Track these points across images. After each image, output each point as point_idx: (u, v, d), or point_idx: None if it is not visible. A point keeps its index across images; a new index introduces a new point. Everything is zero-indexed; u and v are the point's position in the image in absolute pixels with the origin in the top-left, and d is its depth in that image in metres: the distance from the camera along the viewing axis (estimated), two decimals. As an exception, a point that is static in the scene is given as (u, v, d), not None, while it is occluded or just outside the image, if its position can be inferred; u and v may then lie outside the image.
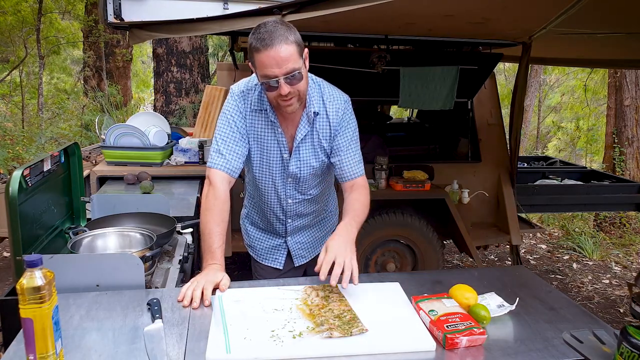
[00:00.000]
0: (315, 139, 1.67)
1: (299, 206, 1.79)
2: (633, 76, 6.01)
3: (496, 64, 3.60)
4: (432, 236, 3.39)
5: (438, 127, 4.33)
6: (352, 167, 1.69)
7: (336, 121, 1.65)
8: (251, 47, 1.44)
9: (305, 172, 1.70)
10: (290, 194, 1.75)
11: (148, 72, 14.57)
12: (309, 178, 1.72)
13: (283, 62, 1.41)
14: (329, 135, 1.67)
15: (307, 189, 1.76)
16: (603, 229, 5.93)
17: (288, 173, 1.70)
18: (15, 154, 6.79)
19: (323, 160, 1.70)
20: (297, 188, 1.74)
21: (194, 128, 3.82)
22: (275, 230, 1.87)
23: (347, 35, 3.42)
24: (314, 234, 1.91)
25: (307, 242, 1.91)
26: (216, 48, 10.55)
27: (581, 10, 2.42)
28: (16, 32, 9.34)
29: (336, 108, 1.65)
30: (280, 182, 1.73)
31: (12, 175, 1.49)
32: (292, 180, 1.72)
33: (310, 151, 1.68)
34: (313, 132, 1.66)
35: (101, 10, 2.41)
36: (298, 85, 1.48)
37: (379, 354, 1.13)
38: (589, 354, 1.12)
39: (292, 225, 1.84)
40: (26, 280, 0.99)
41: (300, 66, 1.45)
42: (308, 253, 1.92)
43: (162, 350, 1.09)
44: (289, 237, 1.87)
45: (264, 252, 1.92)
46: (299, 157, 1.68)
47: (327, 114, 1.65)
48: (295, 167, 1.68)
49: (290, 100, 1.50)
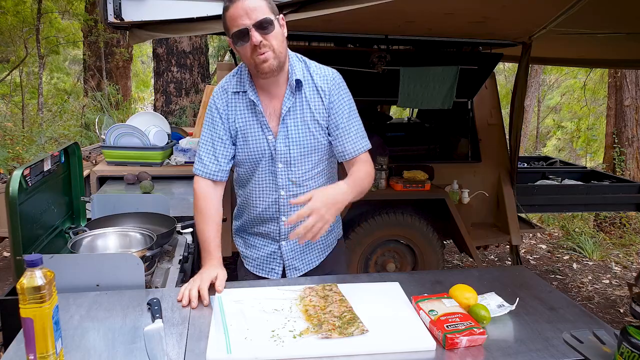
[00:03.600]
0: (306, 112, 1.57)
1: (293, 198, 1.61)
2: (633, 76, 6.01)
3: (496, 64, 3.60)
4: (432, 236, 3.39)
5: (438, 127, 4.33)
6: (355, 142, 1.60)
7: (327, 91, 1.57)
8: (223, 12, 1.46)
9: (295, 151, 1.57)
10: (283, 184, 1.61)
11: (148, 72, 14.57)
12: (300, 160, 1.59)
13: (252, 11, 1.41)
14: (323, 108, 1.58)
15: (301, 177, 1.61)
16: (603, 229, 5.93)
17: (276, 157, 1.58)
18: (15, 154, 6.79)
19: (315, 137, 1.58)
20: (289, 176, 1.60)
21: (194, 128, 3.82)
22: (268, 232, 1.70)
23: (347, 35, 3.42)
24: (310, 243, 1.72)
25: (301, 251, 1.72)
26: (217, 48, 10.55)
27: (581, 10, 2.42)
28: (16, 32, 9.35)
29: (325, 79, 1.58)
30: (269, 169, 1.60)
31: (12, 175, 1.49)
32: (282, 167, 1.59)
33: (301, 125, 1.57)
34: (302, 104, 1.57)
35: (101, 10, 2.41)
36: (270, 36, 1.44)
37: (379, 354, 1.13)
38: (589, 354, 1.12)
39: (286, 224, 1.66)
40: (26, 280, 0.99)
41: (271, 18, 1.44)
42: (302, 264, 1.73)
43: (162, 350, 1.09)
44: (283, 242, 1.69)
45: (259, 261, 1.75)
46: (286, 134, 1.57)
47: (316, 84, 1.58)
48: (284, 145, 1.57)
49: (265, 54, 1.44)
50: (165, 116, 4.38)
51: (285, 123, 1.57)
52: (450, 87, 3.43)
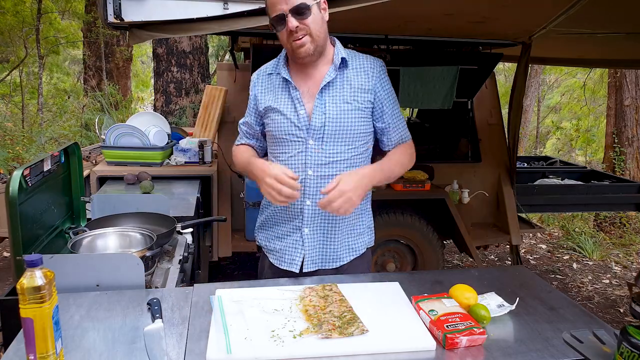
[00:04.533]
0: (346, 90, 1.56)
1: (321, 182, 1.56)
2: (633, 76, 6.01)
3: (496, 64, 3.60)
4: (432, 236, 3.39)
5: (438, 127, 4.33)
6: (401, 131, 1.66)
7: (375, 74, 1.59)
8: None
9: (330, 128, 1.54)
10: (311, 163, 1.56)
11: (148, 72, 14.57)
12: (333, 138, 1.55)
13: None
14: (368, 89, 1.57)
15: (332, 157, 1.56)
16: (603, 229, 5.93)
17: (309, 133, 1.55)
18: (16, 154, 6.79)
19: (352, 116, 1.55)
20: (319, 154, 1.56)
21: (194, 128, 3.82)
22: (291, 217, 1.63)
23: (347, 35, 3.42)
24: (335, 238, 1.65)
25: (321, 243, 1.65)
26: (217, 48, 10.56)
27: (581, 10, 2.42)
28: (16, 32, 9.35)
29: (375, 62, 1.61)
30: (299, 146, 1.57)
31: (12, 175, 1.49)
32: (314, 144, 1.55)
33: (339, 103, 1.55)
34: (343, 82, 1.57)
35: (101, 10, 2.40)
36: (307, 20, 1.47)
37: (379, 353, 1.13)
38: (589, 354, 1.12)
39: (310, 209, 1.59)
40: (26, 280, 0.99)
41: (309, 3, 1.46)
42: (319, 259, 1.66)
43: (162, 350, 1.09)
44: (306, 229, 1.61)
45: (282, 252, 1.68)
46: (323, 110, 1.55)
47: (362, 65, 1.60)
48: (319, 121, 1.54)
49: (302, 39, 1.48)
50: (165, 116, 4.38)
51: (322, 98, 1.56)
52: (450, 87, 3.44)
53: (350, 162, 1.60)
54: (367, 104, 1.59)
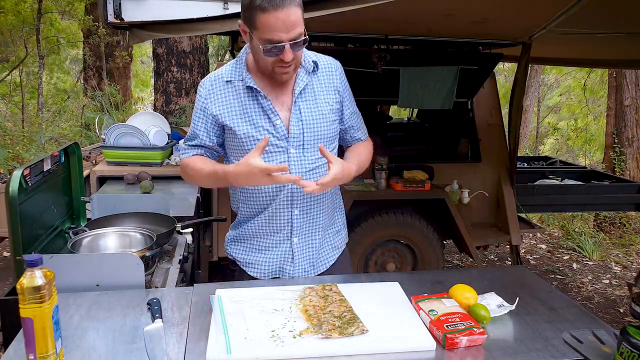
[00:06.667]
0: (317, 91, 1.54)
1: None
2: (633, 76, 6.00)
3: (496, 64, 3.60)
4: (432, 236, 3.39)
5: (438, 127, 4.33)
6: (361, 130, 1.69)
7: (337, 73, 1.58)
8: (253, 4, 1.30)
9: (309, 134, 1.50)
10: (295, 172, 1.51)
11: (148, 72, 14.57)
12: (314, 144, 1.52)
13: (292, 26, 1.31)
14: (336, 88, 1.56)
15: (314, 162, 1.54)
16: (603, 229, 5.93)
17: (289, 142, 1.50)
18: (16, 154, 6.79)
19: (329, 119, 1.54)
20: (302, 161, 1.52)
21: (194, 128, 3.81)
22: (279, 228, 1.58)
23: (347, 35, 3.42)
24: (320, 242, 1.65)
25: (312, 248, 1.63)
26: (217, 48, 10.56)
27: (581, 10, 2.42)
28: (16, 32, 9.34)
29: (334, 66, 1.59)
30: (280, 157, 1.51)
31: (12, 175, 1.49)
32: (295, 152, 1.51)
33: (313, 108, 1.52)
34: (314, 83, 1.54)
35: (101, 10, 2.41)
36: (299, 52, 1.42)
37: (379, 353, 1.13)
38: (589, 354, 1.12)
39: (299, 218, 1.57)
40: (26, 279, 0.99)
41: (304, 31, 1.37)
42: (312, 267, 1.64)
43: (162, 350, 1.09)
44: (295, 239, 1.59)
45: (268, 264, 1.63)
46: (299, 117, 1.50)
47: (327, 66, 1.57)
48: (298, 129, 1.49)
49: (289, 68, 1.41)
50: (165, 116, 4.38)
51: (297, 105, 1.50)
52: (451, 87, 3.43)
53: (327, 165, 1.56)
54: (337, 104, 1.59)
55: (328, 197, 1.63)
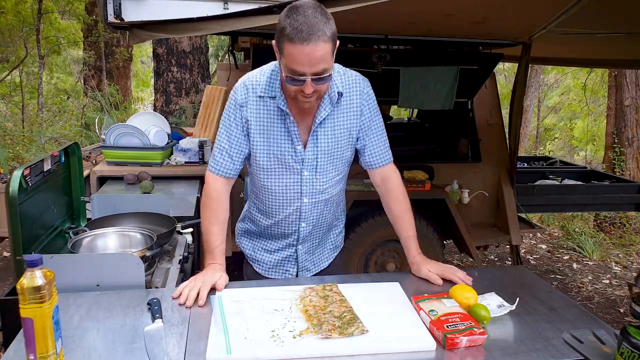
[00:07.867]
0: (339, 123, 1.53)
1: (315, 207, 1.61)
2: (633, 76, 6.01)
3: (496, 64, 3.60)
4: (432, 236, 3.38)
5: (438, 127, 4.33)
6: (384, 152, 1.62)
7: (360, 101, 1.55)
8: (283, 31, 1.28)
9: (323, 159, 1.54)
10: (307, 191, 1.57)
11: (148, 72, 14.58)
12: (326, 167, 1.56)
13: (316, 61, 1.29)
14: (355, 117, 1.55)
15: (326, 183, 1.59)
16: (603, 229, 5.93)
17: (304, 165, 1.54)
18: (16, 154, 6.80)
19: (344, 147, 1.56)
20: (314, 183, 1.57)
21: (194, 128, 3.82)
22: (286, 238, 1.69)
23: (347, 35, 3.42)
24: (323, 243, 1.76)
25: (314, 252, 1.74)
26: (217, 48, 10.56)
27: (581, 10, 2.42)
28: (16, 32, 9.34)
29: (359, 88, 1.55)
30: (294, 177, 1.56)
31: (12, 175, 1.49)
32: (308, 174, 1.55)
33: (331, 136, 1.53)
34: (337, 114, 1.53)
35: (101, 10, 2.41)
36: (323, 86, 1.37)
37: (379, 353, 1.13)
38: (589, 354, 1.12)
39: (305, 230, 1.66)
40: (26, 280, 0.99)
41: (330, 66, 1.34)
42: (313, 266, 1.75)
43: (162, 350, 1.09)
44: (300, 246, 1.69)
45: (272, 264, 1.74)
46: (316, 143, 1.52)
47: (350, 94, 1.53)
48: (312, 154, 1.53)
49: (310, 98, 1.38)
50: (165, 116, 4.39)
51: (315, 133, 1.52)
52: (451, 88, 3.43)
53: (340, 181, 1.66)
54: (356, 128, 1.57)
55: (331, 212, 1.70)
